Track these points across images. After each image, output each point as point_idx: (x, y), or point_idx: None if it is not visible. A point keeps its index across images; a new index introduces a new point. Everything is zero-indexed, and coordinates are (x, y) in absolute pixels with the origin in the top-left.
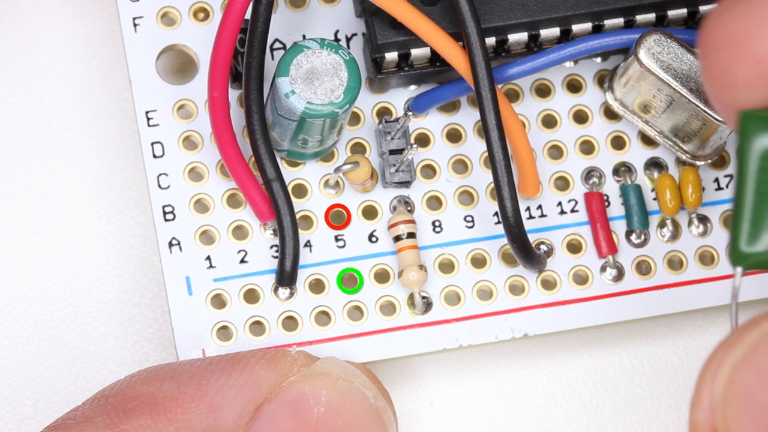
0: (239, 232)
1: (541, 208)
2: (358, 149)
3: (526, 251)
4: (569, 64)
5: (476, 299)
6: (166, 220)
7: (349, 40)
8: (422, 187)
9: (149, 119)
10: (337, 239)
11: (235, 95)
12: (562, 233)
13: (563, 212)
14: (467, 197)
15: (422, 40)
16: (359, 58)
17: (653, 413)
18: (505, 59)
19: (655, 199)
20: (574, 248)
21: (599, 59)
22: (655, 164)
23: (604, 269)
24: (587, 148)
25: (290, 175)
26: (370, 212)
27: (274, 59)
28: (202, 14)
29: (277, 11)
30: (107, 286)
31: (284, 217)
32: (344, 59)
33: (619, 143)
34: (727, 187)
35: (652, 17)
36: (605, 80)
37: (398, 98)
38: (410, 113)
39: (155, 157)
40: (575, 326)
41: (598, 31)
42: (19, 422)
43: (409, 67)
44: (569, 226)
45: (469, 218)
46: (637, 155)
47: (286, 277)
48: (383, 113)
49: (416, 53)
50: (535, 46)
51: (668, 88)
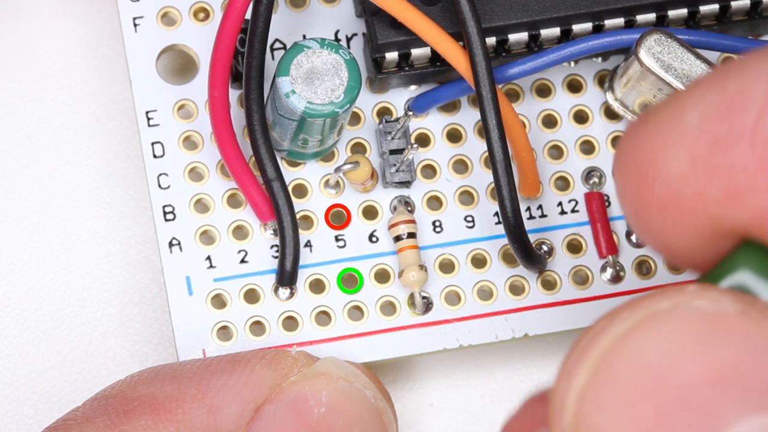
0: (239, 232)
1: (541, 208)
2: (358, 149)
3: (526, 251)
4: (569, 64)
5: (476, 299)
6: (166, 220)
7: (349, 40)
8: (422, 187)
9: (149, 119)
10: (337, 239)
11: (235, 95)
12: (562, 233)
13: (563, 212)
14: (467, 197)
15: (422, 40)
16: (359, 58)
17: None
18: (505, 59)
19: None
20: (574, 248)
21: (599, 59)
22: None
23: (604, 269)
24: (588, 148)
25: (290, 175)
26: (370, 212)
27: (274, 59)
28: (202, 14)
29: (277, 11)
30: (107, 286)
31: (284, 217)
32: (344, 59)
33: None
34: None
35: (652, 17)
36: (606, 80)
37: (398, 98)
38: (410, 113)
39: (155, 157)
40: (575, 326)
41: (598, 31)
42: (19, 422)
43: (409, 67)
44: (569, 226)
45: (469, 218)
46: None
47: (286, 277)
48: (383, 113)
49: (416, 53)
50: (535, 46)
51: (669, 87)
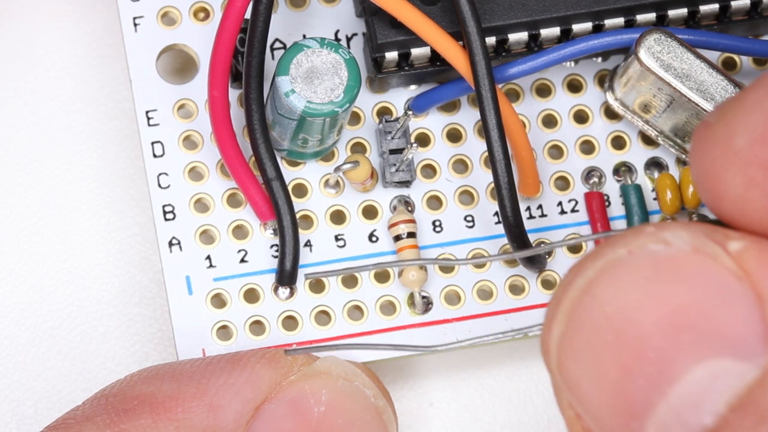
0: (239, 231)
1: (541, 208)
2: (358, 149)
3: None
4: (569, 63)
5: (476, 299)
6: (166, 219)
7: (349, 39)
8: (422, 186)
9: (149, 119)
10: (337, 239)
11: (235, 95)
12: (562, 233)
13: (563, 212)
14: (467, 197)
15: (422, 39)
16: (359, 57)
17: None
18: (505, 59)
19: (655, 199)
20: (574, 248)
21: (599, 59)
22: (655, 164)
23: None
24: (587, 148)
25: (290, 174)
26: (370, 212)
27: (274, 59)
28: (202, 14)
29: (277, 11)
30: (107, 286)
31: (284, 216)
32: (344, 58)
33: (619, 143)
34: None
35: (652, 17)
36: (605, 80)
37: (398, 98)
38: (410, 113)
39: (155, 156)
40: None
41: (598, 30)
42: (19, 422)
43: (409, 66)
44: (569, 226)
45: (469, 218)
46: (637, 155)
47: (286, 276)
48: (383, 113)
49: (416, 53)
50: (535, 45)
51: (668, 87)
